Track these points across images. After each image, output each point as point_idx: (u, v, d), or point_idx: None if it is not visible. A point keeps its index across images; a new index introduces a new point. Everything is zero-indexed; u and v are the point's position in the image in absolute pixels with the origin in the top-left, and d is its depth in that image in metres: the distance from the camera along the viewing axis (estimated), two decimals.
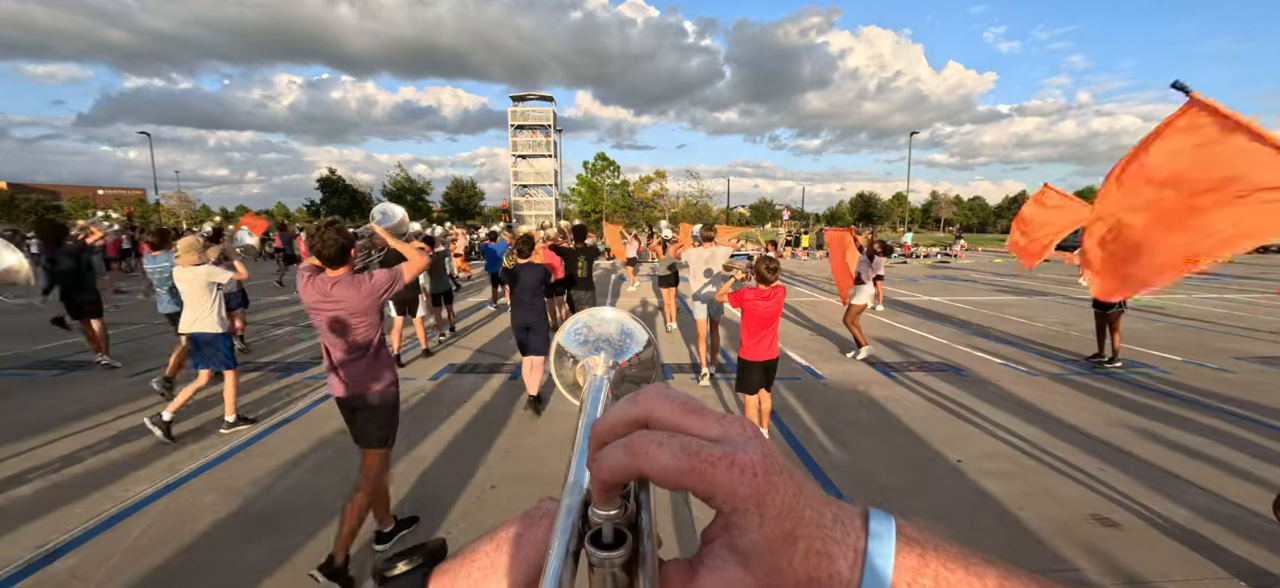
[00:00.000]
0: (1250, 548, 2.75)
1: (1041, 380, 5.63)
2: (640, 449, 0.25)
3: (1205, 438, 4.12)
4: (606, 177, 51.78)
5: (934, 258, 25.47)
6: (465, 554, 0.34)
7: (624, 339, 0.49)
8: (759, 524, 0.25)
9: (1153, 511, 3.10)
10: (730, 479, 0.24)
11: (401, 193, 50.53)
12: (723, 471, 0.24)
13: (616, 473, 0.26)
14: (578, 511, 0.28)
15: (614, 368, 0.46)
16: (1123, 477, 3.51)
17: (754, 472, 0.25)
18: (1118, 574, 2.58)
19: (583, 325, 0.52)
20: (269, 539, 2.89)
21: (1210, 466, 3.66)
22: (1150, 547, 2.79)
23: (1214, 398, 5.04)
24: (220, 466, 3.75)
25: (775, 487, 0.25)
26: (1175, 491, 3.32)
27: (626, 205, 50.44)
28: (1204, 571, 2.60)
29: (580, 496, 0.29)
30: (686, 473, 0.25)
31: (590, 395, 0.40)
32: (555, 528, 0.27)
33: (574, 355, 0.49)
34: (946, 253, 27.31)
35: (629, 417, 0.28)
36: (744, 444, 0.26)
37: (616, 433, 0.28)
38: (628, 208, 49.94)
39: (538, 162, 56.78)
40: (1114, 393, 5.22)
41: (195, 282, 4.34)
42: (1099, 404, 4.90)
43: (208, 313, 4.36)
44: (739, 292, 3.94)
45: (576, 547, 0.26)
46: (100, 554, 2.74)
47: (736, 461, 0.25)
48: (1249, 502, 3.16)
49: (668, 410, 0.28)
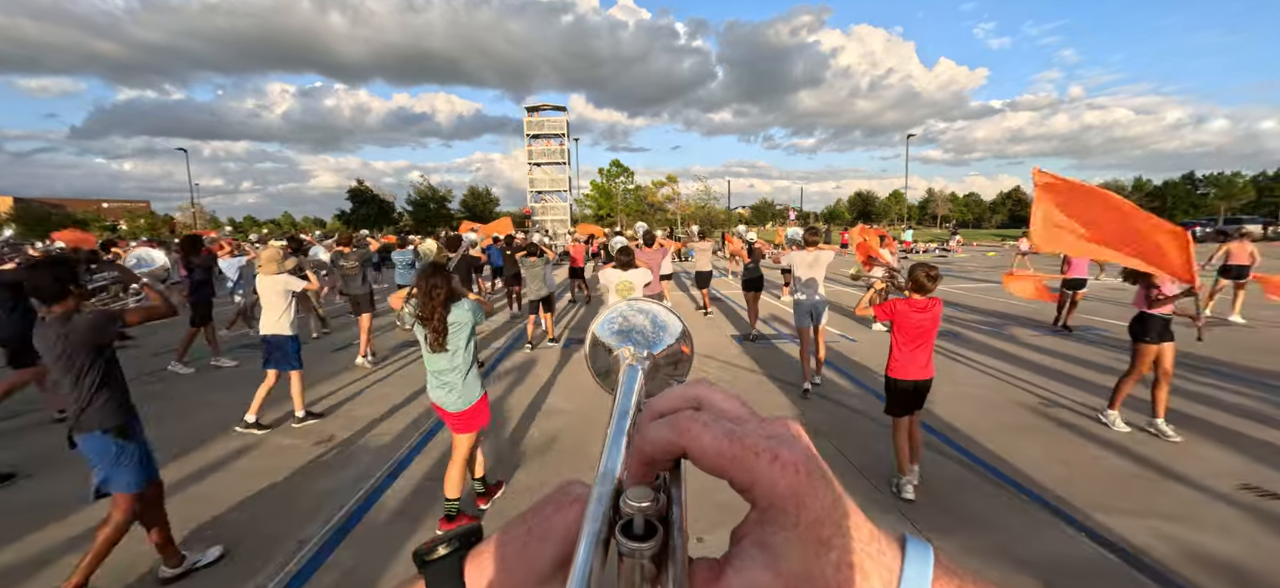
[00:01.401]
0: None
1: (1015, 335, 7.98)
2: (685, 427, 0.26)
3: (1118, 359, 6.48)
4: (620, 182, 54.41)
5: (932, 253, 27.78)
6: (498, 538, 0.34)
7: (658, 331, 0.50)
8: (794, 524, 0.24)
9: (1075, 403, 5.43)
10: (771, 473, 0.25)
11: (425, 202, 52.87)
12: (765, 462, 0.25)
13: (659, 447, 0.26)
14: (609, 500, 0.28)
15: (648, 359, 0.47)
16: (1060, 387, 5.85)
17: (796, 469, 0.25)
18: (1041, 416, 4.90)
19: (619, 315, 0.52)
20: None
21: (1100, 374, 6.02)
22: (1059, 428, 5.11)
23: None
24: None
25: (815, 490, 0.25)
26: (1087, 388, 5.66)
27: (639, 209, 52.98)
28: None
29: (612, 484, 0.29)
30: (728, 457, 0.25)
31: (624, 386, 0.41)
32: (586, 515, 0.27)
33: (608, 345, 0.50)
34: (944, 248, 29.61)
35: (684, 395, 0.29)
36: (789, 442, 0.26)
37: (671, 406, 0.29)
38: (640, 211, 52.48)
39: (551, 168, 59.66)
40: (1067, 346, 7.57)
41: (274, 288, 4.74)
42: (1060, 348, 7.23)
43: (283, 317, 4.78)
44: (890, 304, 3.57)
45: (607, 535, 0.27)
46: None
47: (780, 455, 0.25)
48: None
49: (721, 399, 0.29)
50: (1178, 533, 3.12)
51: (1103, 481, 3.75)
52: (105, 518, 2.68)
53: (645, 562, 0.25)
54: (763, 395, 5.69)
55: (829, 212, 78.09)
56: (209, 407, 5.50)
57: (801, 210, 55.21)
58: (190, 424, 5.03)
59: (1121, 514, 3.31)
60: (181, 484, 3.84)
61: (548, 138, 59.83)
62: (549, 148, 59.82)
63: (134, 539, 2.80)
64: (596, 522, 0.27)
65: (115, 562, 2.79)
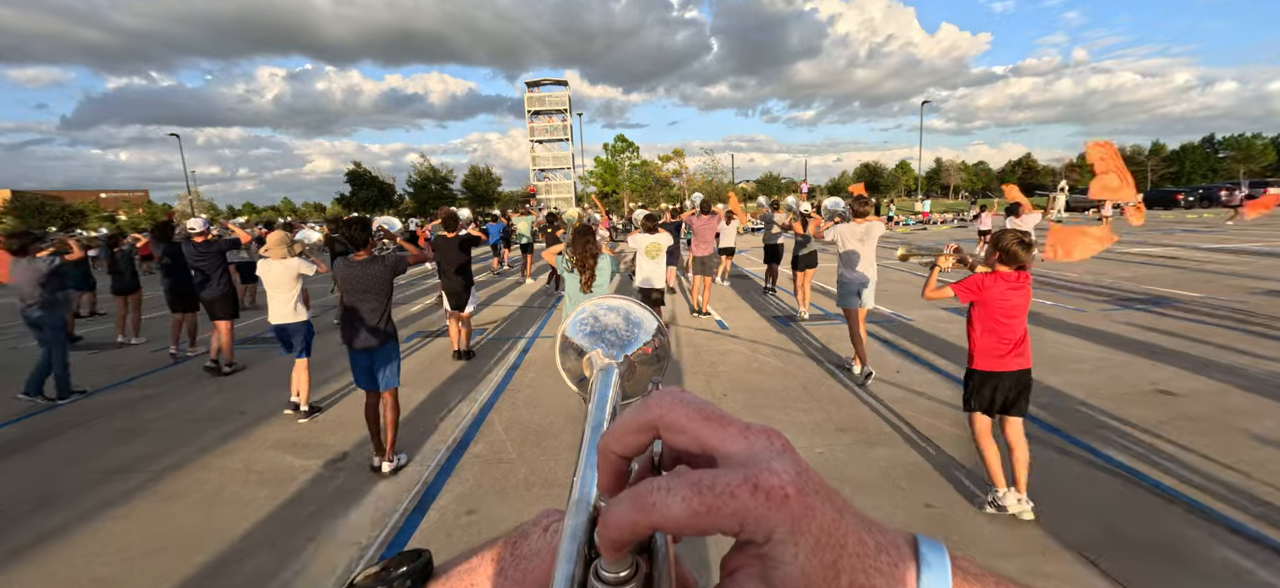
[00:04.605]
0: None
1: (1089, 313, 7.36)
2: (649, 504, 0.22)
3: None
4: (626, 157, 53.18)
5: (952, 223, 27.11)
6: (459, 572, 0.31)
7: (632, 329, 0.46)
8: (795, 555, 0.21)
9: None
10: (756, 506, 0.21)
11: (426, 183, 51.80)
12: (745, 498, 0.21)
13: (625, 533, 0.23)
14: (583, 532, 0.25)
15: (623, 361, 0.43)
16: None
17: (784, 494, 0.21)
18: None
19: (589, 315, 0.48)
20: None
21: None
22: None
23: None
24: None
25: (813, 511, 0.22)
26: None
27: (645, 185, 51.93)
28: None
29: (587, 513, 0.26)
30: (702, 515, 0.21)
31: (597, 395, 0.37)
32: (558, 554, 0.24)
33: (580, 347, 0.46)
34: (963, 219, 28.92)
35: (640, 422, 0.26)
36: (771, 460, 0.22)
37: (625, 444, 0.26)
38: (646, 187, 51.45)
39: (554, 146, 58.25)
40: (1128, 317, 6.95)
41: (286, 274, 4.57)
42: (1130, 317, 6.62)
43: (296, 303, 4.64)
44: (976, 280, 2.97)
45: (583, 576, 0.24)
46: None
47: (760, 483, 0.21)
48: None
49: (683, 416, 0.25)
50: None
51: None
52: (389, 405, 3.74)
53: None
54: (825, 388, 5.10)
55: (833, 184, 77.03)
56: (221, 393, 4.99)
57: (809, 185, 54.01)
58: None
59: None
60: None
61: (550, 113, 57.92)
62: (551, 124, 57.95)
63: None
64: (570, 563, 0.24)
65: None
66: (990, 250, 3.02)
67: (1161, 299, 8.05)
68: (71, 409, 5.28)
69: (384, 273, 3.66)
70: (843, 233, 5.28)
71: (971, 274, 3.05)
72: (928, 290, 3.37)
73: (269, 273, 4.57)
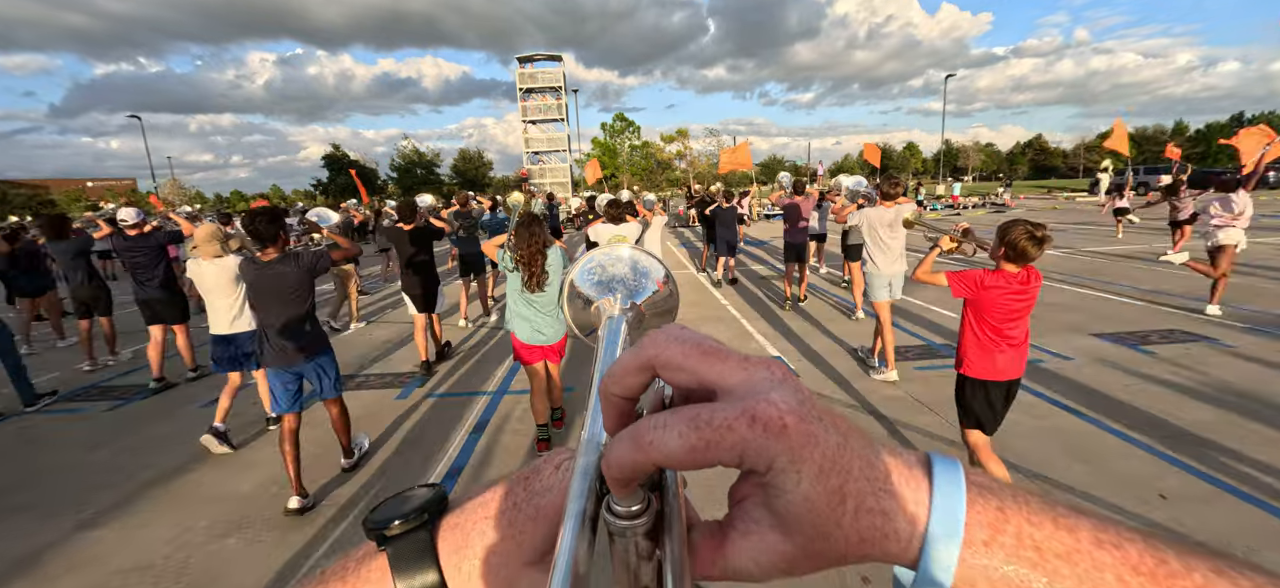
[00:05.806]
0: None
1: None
2: (643, 440, 0.22)
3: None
4: (626, 138, 50.60)
5: (987, 207, 25.43)
6: (473, 506, 0.30)
7: (640, 278, 0.46)
8: (798, 483, 0.21)
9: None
10: (754, 437, 0.21)
11: (411, 167, 49.17)
12: (742, 430, 0.21)
13: (626, 470, 0.23)
14: (595, 470, 0.25)
15: (631, 309, 0.43)
16: None
17: (782, 424, 0.21)
18: None
19: (597, 264, 0.48)
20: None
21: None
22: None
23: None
24: None
25: (814, 437, 0.22)
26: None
27: (646, 168, 49.48)
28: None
29: (597, 452, 0.26)
30: (701, 449, 0.21)
31: (606, 342, 0.37)
32: (570, 491, 0.25)
33: (588, 297, 0.46)
34: (996, 202, 27.42)
35: (637, 362, 0.25)
36: (770, 389, 0.22)
37: (624, 384, 0.25)
38: (647, 170, 49.00)
39: (548, 126, 55.26)
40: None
41: (223, 275, 3.76)
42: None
43: (242, 309, 3.88)
44: (973, 276, 2.61)
45: (594, 511, 0.24)
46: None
47: (758, 414, 0.21)
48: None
49: (680, 353, 0.24)
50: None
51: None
52: (336, 414, 3.35)
53: (639, 538, 0.23)
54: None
55: (836, 167, 75.12)
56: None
57: (808, 166, 51.91)
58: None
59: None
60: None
61: (543, 92, 53.68)
62: (545, 103, 53.88)
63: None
64: (582, 499, 0.24)
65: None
66: (996, 243, 2.58)
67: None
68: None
69: (299, 275, 3.11)
70: (871, 218, 4.65)
71: (971, 268, 2.67)
72: (920, 272, 2.94)
73: (203, 276, 3.77)
